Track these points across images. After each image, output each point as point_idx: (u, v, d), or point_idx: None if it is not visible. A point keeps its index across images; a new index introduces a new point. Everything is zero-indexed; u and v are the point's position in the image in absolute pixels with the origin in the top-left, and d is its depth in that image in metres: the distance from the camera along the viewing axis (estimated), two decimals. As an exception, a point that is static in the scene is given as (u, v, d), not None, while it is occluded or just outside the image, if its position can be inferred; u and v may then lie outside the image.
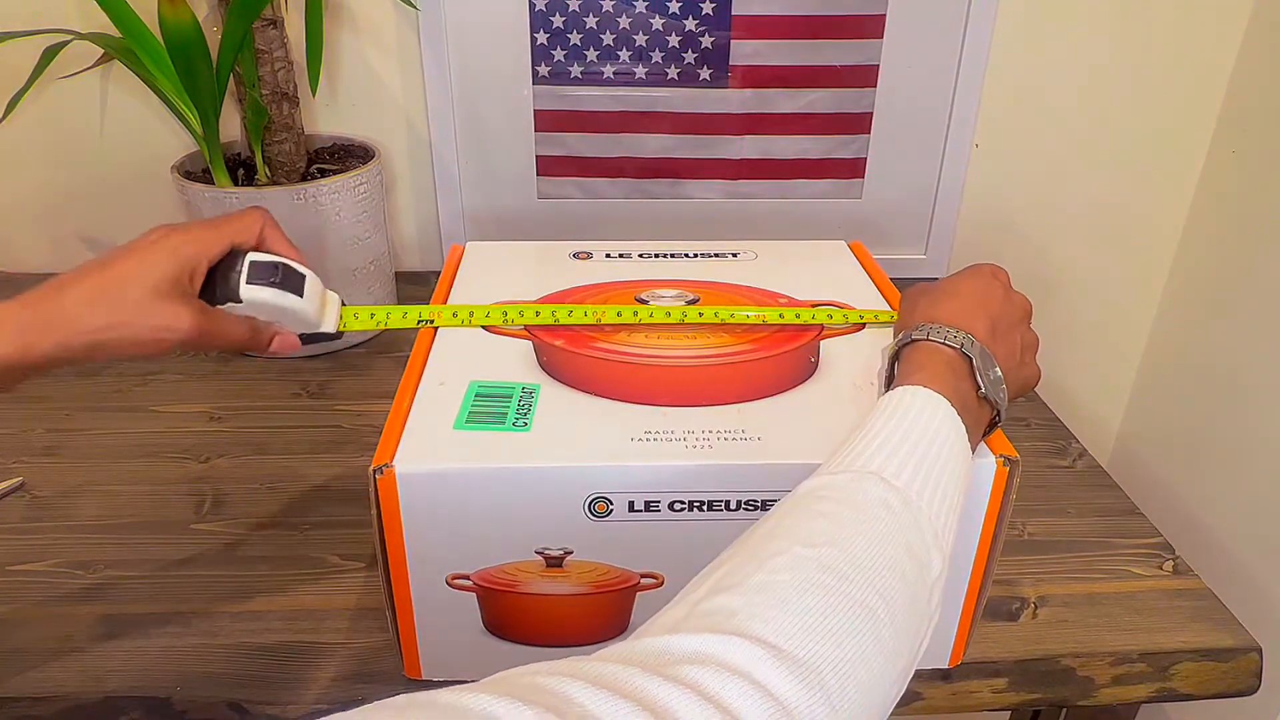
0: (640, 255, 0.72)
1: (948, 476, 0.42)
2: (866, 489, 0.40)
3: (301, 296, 0.54)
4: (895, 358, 0.49)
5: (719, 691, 0.30)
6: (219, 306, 0.51)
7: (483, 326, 0.60)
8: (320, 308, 0.56)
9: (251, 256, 0.52)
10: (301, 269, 0.54)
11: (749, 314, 0.61)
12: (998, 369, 0.47)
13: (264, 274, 0.52)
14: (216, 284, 0.51)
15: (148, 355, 0.48)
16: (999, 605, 0.61)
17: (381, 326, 0.59)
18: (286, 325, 0.54)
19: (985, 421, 0.48)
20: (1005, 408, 0.47)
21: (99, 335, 0.46)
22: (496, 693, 0.28)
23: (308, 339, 0.56)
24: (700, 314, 0.60)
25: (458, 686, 0.28)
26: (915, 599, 0.38)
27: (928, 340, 0.47)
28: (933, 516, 0.40)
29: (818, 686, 0.32)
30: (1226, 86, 1.00)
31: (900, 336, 0.49)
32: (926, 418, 0.43)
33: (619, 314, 0.60)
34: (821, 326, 0.61)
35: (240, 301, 0.51)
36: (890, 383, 0.50)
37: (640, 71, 0.96)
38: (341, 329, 0.57)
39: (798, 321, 0.60)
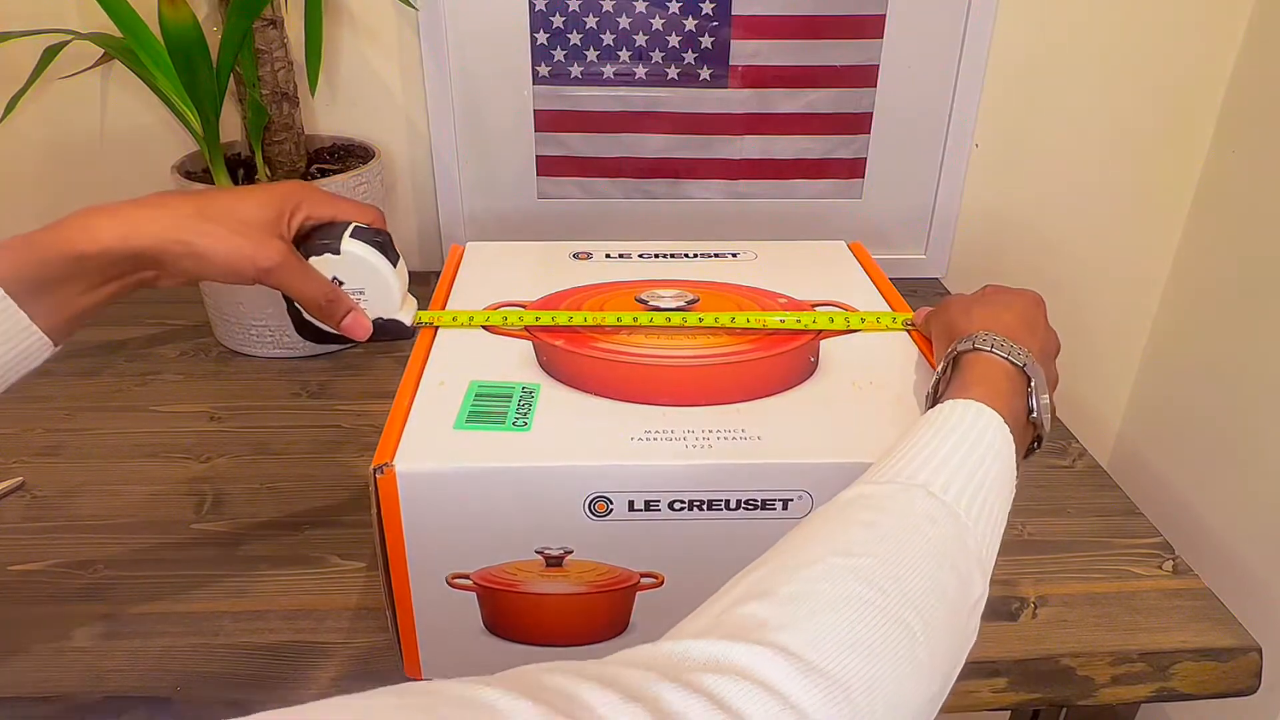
0: (640, 255, 0.72)
1: (995, 497, 0.40)
2: (912, 501, 0.38)
3: (394, 269, 0.56)
4: (952, 363, 0.48)
5: (738, 702, 0.28)
6: (314, 258, 0.54)
7: (482, 326, 0.60)
8: (403, 296, 0.58)
9: (357, 223, 0.56)
10: (397, 251, 0.58)
11: (748, 319, 0.61)
12: (1047, 395, 0.46)
13: (367, 235, 0.56)
14: (316, 238, 0.54)
15: (232, 279, 0.50)
16: (999, 605, 0.61)
17: None
18: (368, 300, 0.56)
19: (1026, 445, 0.46)
20: (1047, 434, 0.47)
21: (196, 240, 0.48)
22: (505, 688, 0.27)
23: (350, 336, 0.57)
24: (700, 319, 0.60)
25: (469, 679, 0.28)
26: (955, 619, 0.36)
27: (991, 352, 0.46)
28: (979, 536, 0.38)
29: (844, 702, 0.30)
30: (1226, 86, 1.01)
31: (960, 341, 0.48)
32: (978, 433, 0.42)
33: (618, 319, 0.60)
34: (819, 330, 0.61)
35: (339, 254, 0.54)
36: (937, 386, 0.49)
37: (640, 71, 0.96)
38: (416, 324, 0.59)
39: (797, 326, 0.60)
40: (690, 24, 0.94)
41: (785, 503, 0.48)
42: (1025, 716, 0.72)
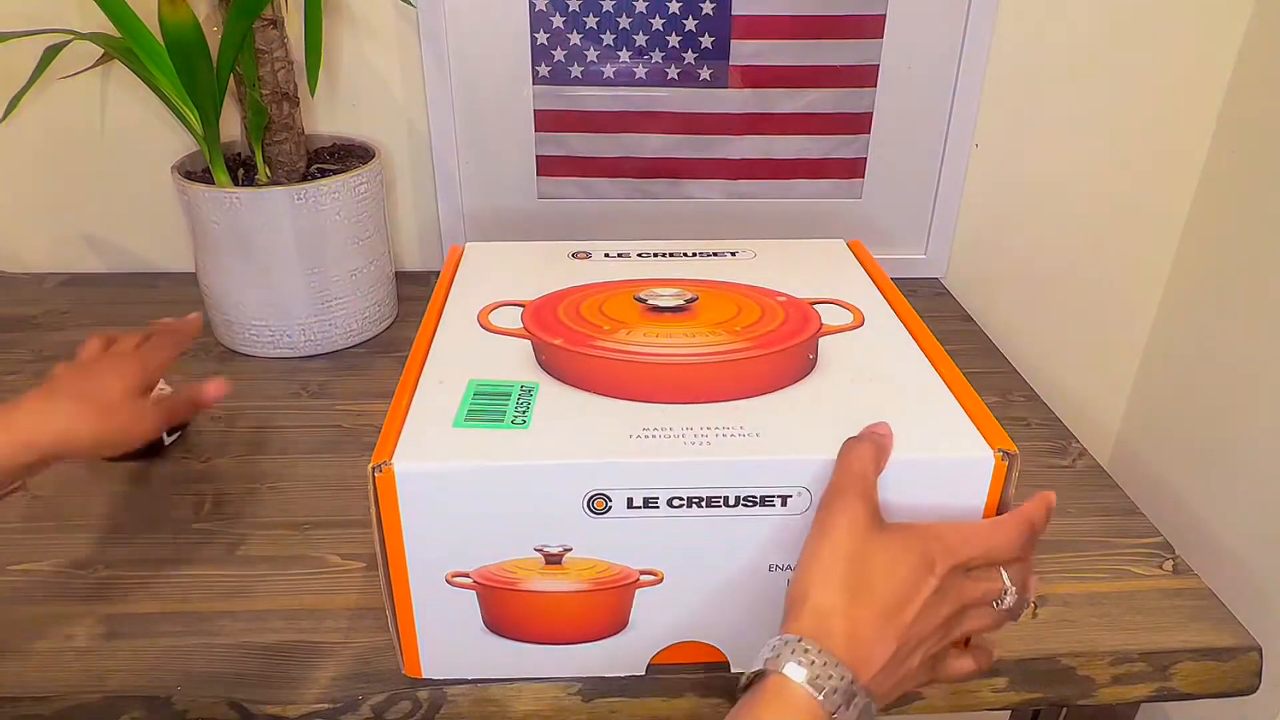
0: (639, 255, 0.72)
1: None
2: None
3: None
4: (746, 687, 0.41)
5: None
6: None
7: None
8: None
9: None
10: None
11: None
12: (873, 706, 0.40)
13: None
14: None
15: (121, 447, 0.55)
16: (999, 604, 0.61)
17: None
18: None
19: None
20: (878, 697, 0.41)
21: (92, 428, 0.53)
22: None
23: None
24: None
25: None
26: None
27: (781, 675, 0.38)
28: None
29: None
30: (1226, 86, 1.01)
31: (762, 650, 0.40)
32: None
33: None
34: (819, 327, 0.60)
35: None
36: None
37: (640, 71, 0.96)
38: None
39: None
40: (690, 24, 0.94)
41: (784, 499, 0.48)
42: (1025, 716, 0.72)
